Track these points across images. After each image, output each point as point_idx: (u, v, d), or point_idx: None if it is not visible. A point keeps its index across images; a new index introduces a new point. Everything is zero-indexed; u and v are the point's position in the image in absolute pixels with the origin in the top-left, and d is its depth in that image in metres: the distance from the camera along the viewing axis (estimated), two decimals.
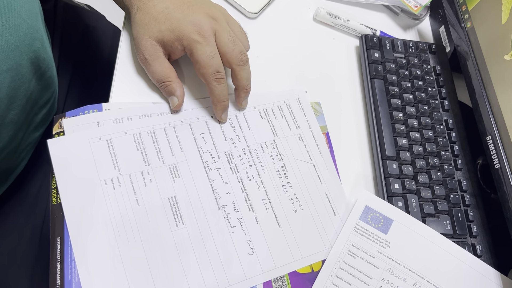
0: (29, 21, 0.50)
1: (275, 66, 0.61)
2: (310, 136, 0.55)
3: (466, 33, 0.61)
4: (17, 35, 0.48)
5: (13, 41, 0.47)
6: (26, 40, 0.50)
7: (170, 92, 0.51)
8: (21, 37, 0.49)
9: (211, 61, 0.49)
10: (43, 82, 0.58)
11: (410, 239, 0.49)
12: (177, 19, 0.49)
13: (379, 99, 0.59)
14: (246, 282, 0.45)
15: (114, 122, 0.49)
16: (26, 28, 0.50)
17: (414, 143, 0.57)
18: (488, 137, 0.54)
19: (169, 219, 0.46)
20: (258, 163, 0.52)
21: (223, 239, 0.46)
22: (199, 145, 0.51)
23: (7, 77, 0.48)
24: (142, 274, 0.43)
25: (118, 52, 0.54)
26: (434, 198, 0.54)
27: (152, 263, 0.43)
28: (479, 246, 0.52)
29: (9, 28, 0.47)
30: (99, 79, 0.71)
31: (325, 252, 0.49)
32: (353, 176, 0.55)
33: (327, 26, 0.68)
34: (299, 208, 0.50)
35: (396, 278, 0.47)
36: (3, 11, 0.45)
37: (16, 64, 0.49)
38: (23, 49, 0.50)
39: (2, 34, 0.46)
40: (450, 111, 0.61)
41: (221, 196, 0.48)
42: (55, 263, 0.42)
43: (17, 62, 0.49)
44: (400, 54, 0.64)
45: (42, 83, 0.58)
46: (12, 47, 0.48)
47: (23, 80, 0.52)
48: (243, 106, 0.54)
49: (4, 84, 0.48)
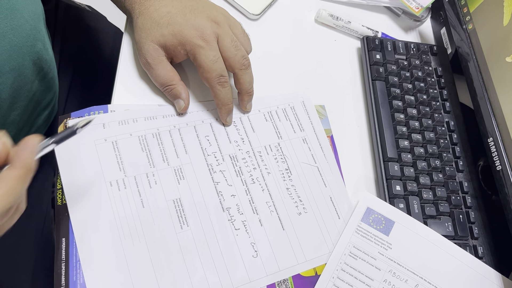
0: (32, 22, 0.50)
1: (276, 67, 0.61)
2: (315, 139, 0.56)
3: (467, 35, 0.61)
4: (20, 36, 0.48)
5: (16, 42, 0.48)
6: (29, 41, 0.50)
7: (175, 96, 0.51)
8: (24, 38, 0.49)
9: (214, 65, 0.49)
10: (45, 83, 0.58)
11: (411, 240, 0.50)
12: (179, 24, 0.49)
13: (380, 101, 0.59)
14: (250, 284, 0.45)
15: (120, 124, 0.49)
16: (29, 29, 0.50)
17: (416, 145, 0.57)
18: (490, 138, 0.54)
19: (174, 221, 0.46)
20: (262, 166, 0.52)
21: (228, 242, 0.46)
22: (204, 148, 0.51)
23: (9, 78, 0.48)
24: (147, 275, 0.43)
25: (120, 56, 0.55)
26: (435, 199, 0.54)
27: (157, 265, 0.43)
28: (481, 247, 0.52)
29: (13, 29, 0.47)
30: (100, 81, 0.71)
31: (329, 255, 0.49)
32: (355, 178, 0.55)
33: (328, 27, 0.68)
34: (303, 211, 0.51)
35: (397, 279, 0.48)
36: (7, 12, 0.46)
37: (19, 65, 0.49)
38: (26, 50, 0.50)
39: (6, 35, 0.46)
40: (451, 113, 0.61)
41: (226, 198, 0.49)
42: (60, 264, 0.42)
43: (19, 63, 0.49)
44: (401, 55, 0.65)
45: (44, 84, 0.58)
46: (15, 48, 0.48)
47: (25, 81, 0.52)
48: (247, 110, 0.55)
49: (7, 85, 0.48)
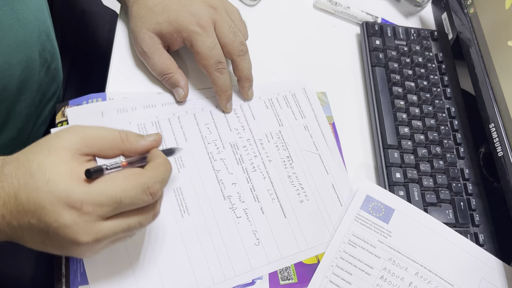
0: (37, 14, 0.50)
1: (274, 53, 0.60)
2: (316, 126, 0.55)
3: (469, 19, 0.60)
4: (26, 28, 0.48)
5: (22, 34, 0.47)
6: (35, 32, 0.50)
7: (173, 84, 0.50)
8: (29, 30, 0.49)
9: (212, 52, 0.48)
10: (50, 74, 0.57)
11: (411, 228, 0.49)
12: (175, 10, 0.48)
13: (380, 87, 0.58)
14: (252, 272, 0.45)
15: (119, 112, 0.49)
16: (34, 20, 0.49)
17: (416, 132, 0.56)
18: (491, 124, 0.53)
19: (175, 209, 0.46)
20: (263, 154, 0.51)
21: (229, 230, 0.46)
22: (204, 136, 0.50)
23: (17, 70, 0.48)
24: (148, 263, 0.43)
25: (114, 44, 0.54)
26: (436, 187, 0.53)
27: (158, 253, 0.43)
28: (482, 235, 0.52)
29: (19, 21, 0.47)
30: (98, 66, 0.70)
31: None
32: (354, 166, 0.55)
33: (327, 13, 0.67)
34: (305, 198, 0.50)
35: (397, 267, 0.47)
36: (13, 4, 0.45)
37: (26, 57, 0.49)
38: (32, 42, 0.50)
39: (12, 27, 0.46)
40: (452, 99, 0.61)
41: (227, 186, 0.48)
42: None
43: (27, 55, 0.49)
44: (401, 41, 0.64)
45: (49, 75, 0.57)
46: (21, 39, 0.48)
47: (33, 73, 0.52)
48: (249, 97, 0.54)
49: (15, 77, 0.48)
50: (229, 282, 0.44)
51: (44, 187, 0.32)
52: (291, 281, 0.46)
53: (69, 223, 0.32)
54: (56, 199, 0.32)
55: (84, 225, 0.33)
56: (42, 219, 0.32)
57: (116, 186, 0.33)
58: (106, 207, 0.33)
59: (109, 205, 0.33)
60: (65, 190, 0.32)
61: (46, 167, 0.33)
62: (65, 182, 0.33)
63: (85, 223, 0.33)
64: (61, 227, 0.32)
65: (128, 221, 0.35)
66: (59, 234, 0.33)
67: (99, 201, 0.33)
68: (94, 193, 0.33)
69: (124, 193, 0.33)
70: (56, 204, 0.32)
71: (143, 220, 0.36)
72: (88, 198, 0.32)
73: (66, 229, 0.32)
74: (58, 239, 0.33)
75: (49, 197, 0.32)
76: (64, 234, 0.33)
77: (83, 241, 0.33)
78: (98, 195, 0.33)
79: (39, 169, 0.33)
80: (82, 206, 0.32)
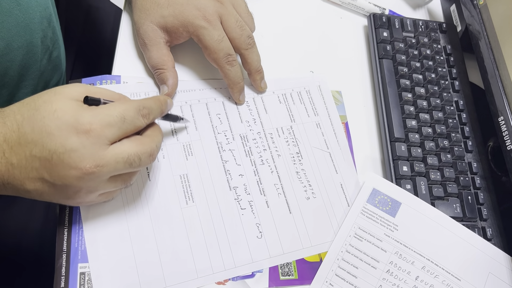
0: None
1: (280, 45, 0.60)
2: (329, 124, 0.55)
3: (478, 11, 0.59)
4: (27, 13, 0.48)
5: (22, 18, 0.47)
6: (36, 18, 0.50)
7: (162, 80, 0.50)
8: (30, 15, 0.48)
9: (220, 45, 0.48)
10: (52, 62, 0.57)
11: (418, 222, 0.49)
12: (180, 4, 0.48)
13: (387, 80, 0.58)
14: (252, 265, 0.45)
15: (132, 96, 0.49)
16: (35, 6, 0.49)
17: (424, 125, 0.55)
18: (500, 118, 0.53)
19: (179, 196, 0.46)
20: (273, 148, 0.51)
21: (232, 220, 0.46)
22: (215, 125, 0.50)
23: (18, 55, 0.48)
24: (149, 247, 0.43)
25: (119, 38, 0.54)
26: (443, 180, 0.53)
27: (160, 238, 0.43)
28: (490, 229, 0.51)
29: (19, 5, 0.46)
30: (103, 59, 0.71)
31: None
32: (361, 158, 0.54)
33: (334, 4, 0.66)
34: (311, 195, 0.50)
35: (404, 261, 0.47)
36: None
37: (26, 42, 0.49)
38: (33, 27, 0.50)
39: (12, 11, 0.46)
40: (460, 92, 0.60)
41: (233, 177, 0.48)
42: (63, 229, 0.42)
43: (28, 40, 0.49)
44: (409, 33, 0.63)
45: (52, 63, 0.57)
46: (22, 24, 0.47)
47: (34, 58, 0.52)
48: (263, 89, 0.54)
49: (16, 62, 0.49)
50: (229, 273, 0.44)
51: (50, 115, 0.34)
52: (291, 277, 0.45)
53: (76, 147, 0.34)
54: (64, 124, 0.34)
55: (91, 148, 0.34)
56: (46, 146, 0.34)
57: (117, 107, 0.36)
58: (113, 127, 0.35)
59: (115, 124, 0.35)
60: (73, 116, 0.34)
61: (52, 101, 0.35)
62: (72, 110, 0.35)
63: (92, 146, 0.34)
64: (67, 152, 0.34)
65: (128, 152, 0.36)
66: (64, 160, 0.34)
67: (107, 121, 0.35)
68: (102, 114, 0.35)
69: (125, 112, 0.36)
70: (64, 129, 0.34)
71: (142, 154, 0.37)
72: (97, 119, 0.35)
73: (72, 153, 0.34)
74: (59, 169, 0.34)
75: (57, 123, 0.34)
76: (69, 159, 0.34)
77: (86, 167, 0.34)
78: (106, 116, 0.35)
79: (45, 103, 0.35)
80: (91, 127, 0.34)
